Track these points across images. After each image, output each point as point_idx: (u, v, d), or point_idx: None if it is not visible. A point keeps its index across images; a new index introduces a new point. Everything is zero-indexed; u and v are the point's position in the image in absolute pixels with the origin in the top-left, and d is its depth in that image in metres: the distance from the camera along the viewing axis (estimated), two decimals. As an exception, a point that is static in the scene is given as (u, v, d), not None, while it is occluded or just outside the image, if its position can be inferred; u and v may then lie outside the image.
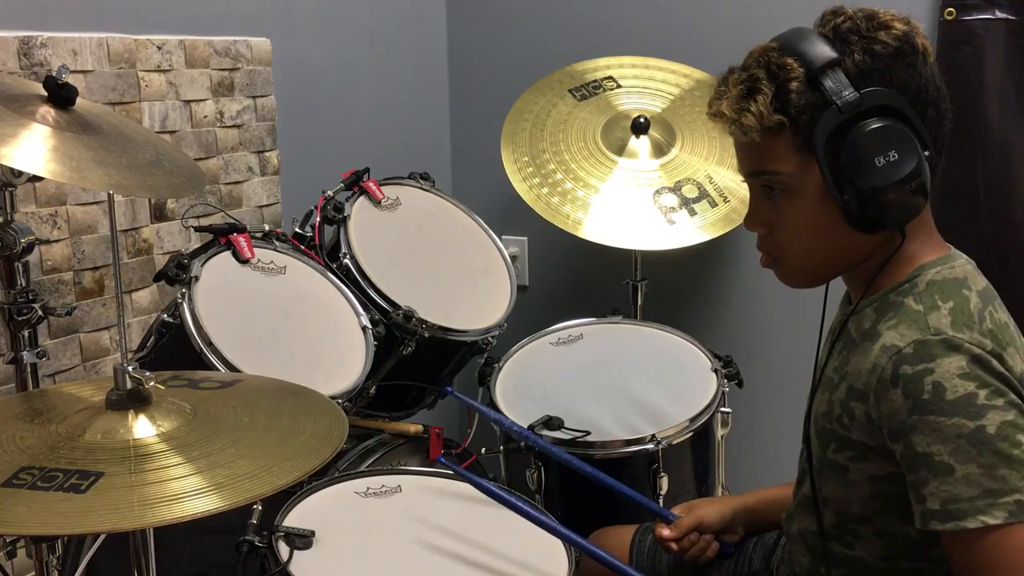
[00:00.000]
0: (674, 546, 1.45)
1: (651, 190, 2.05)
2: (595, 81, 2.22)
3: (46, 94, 1.30)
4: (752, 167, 1.19)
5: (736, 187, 2.04)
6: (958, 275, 1.15)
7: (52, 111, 1.26)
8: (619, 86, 2.21)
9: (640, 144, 2.12)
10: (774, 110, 1.11)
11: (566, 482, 1.72)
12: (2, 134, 1.19)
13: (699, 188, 2.05)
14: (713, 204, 2.03)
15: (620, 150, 2.12)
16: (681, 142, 2.12)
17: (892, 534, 1.17)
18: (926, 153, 1.11)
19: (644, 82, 2.23)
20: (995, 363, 1.06)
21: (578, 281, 2.49)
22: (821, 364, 1.27)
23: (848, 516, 1.20)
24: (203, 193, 1.93)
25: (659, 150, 2.12)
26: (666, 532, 1.46)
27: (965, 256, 1.21)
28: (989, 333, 1.09)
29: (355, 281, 1.80)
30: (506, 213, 2.31)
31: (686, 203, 2.04)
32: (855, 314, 1.21)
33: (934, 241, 1.20)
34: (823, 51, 1.10)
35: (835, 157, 1.11)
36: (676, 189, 2.06)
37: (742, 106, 1.13)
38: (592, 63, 2.26)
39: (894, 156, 1.09)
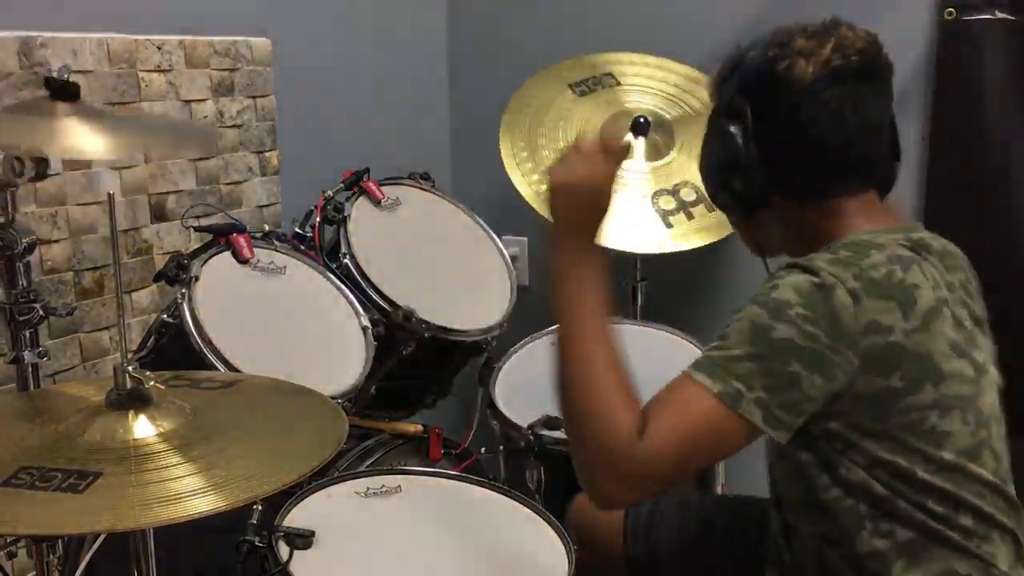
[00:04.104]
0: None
1: (649, 192, 2.05)
2: (594, 78, 2.22)
3: (48, 94, 1.31)
4: None
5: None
6: (879, 241, 1.17)
7: (63, 106, 1.28)
8: (618, 83, 2.21)
9: (639, 145, 2.11)
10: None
11: (567, 482, 1.72)
12: (40, 130, 1.23)
13: (697, 191, 2.05)
14: (711, 208, 2.03)
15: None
16: (680, 144, 2.12)
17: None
18: (750, 159, 1.22)
19: (645, 80, 2.22)
20: (840, 298, 1.09)
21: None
22: None
23: (779, 453, 1.25)
24: (205, 194, 1.94)
25: (658, 152, 2.12)
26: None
27: (921, 236, 1.21)
28: (865, 278, 1.11)
29: (355, 281, 1.80)
30: (506, 213, 2.31)
31: (684, 206, 2.03)
32: None
33: (875, 221, 1.22)
34: (744, 55, 1.26)
35: None
36: (674, 192, 2.06)
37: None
38: (591, 59, 2.25)
39: (716, 149, 1.27)
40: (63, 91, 1.28)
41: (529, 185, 2.06)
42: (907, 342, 1.11)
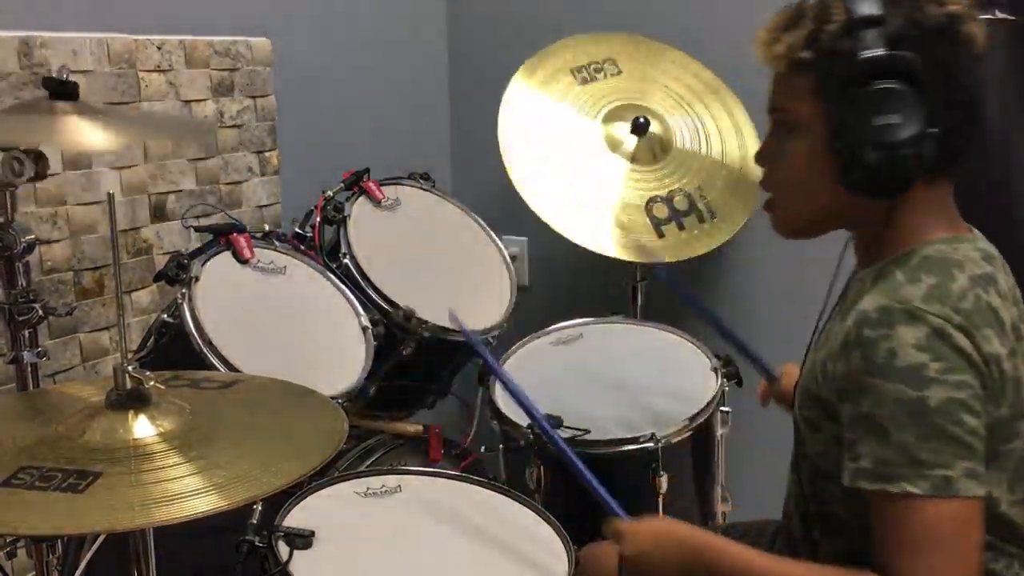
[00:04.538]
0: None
1: (645, 197, 2.05)
2: (596, 63, 2.21)
3: (48, 93, 1.31)
4: (773, 101, 1.22)
5: (723, 202, 2.05)
6: (956, 257, 1.14)
7: (64, 104, 1.29)
8: (620, 72, 2.20)
9: (639, 145, 2.11)
10: (805, 46, 1.14)
11: (567, 482, 1.72)
12: (40, 127, 1.25)
13: (688, 200, 2.05)
14: (701, 219, 2.03)
15: (618, 149, 2.11)
16: (677, 146, 2.12)
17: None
18: (933, 130, 1.10)
19: (645, 77, 2.22)
20: (959, 338, 1.06)
21: (578, 281, 2.49)
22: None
23: (821, 473, 1.21)
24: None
25: (654, 155, 2.11)
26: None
27: (985, 245, 1.21)
28: (963, 311, 1.08)
29: (355, 281, 1.80)
30: (506, 213, 2.31)
31: (676, 216, 2.03)
32: (855, 281, 1.23)
33: (948, 222, 1.20)
34: (871, 7, 1.12)
35: (840, 108, 1.13)
36: (668, 200, 2.05)
37: (777, 35, 1.17)
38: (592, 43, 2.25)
39: (894, 120, 1.10)
40: (62, 91, 1.28)
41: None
42: (1008, 366, 1.09)
